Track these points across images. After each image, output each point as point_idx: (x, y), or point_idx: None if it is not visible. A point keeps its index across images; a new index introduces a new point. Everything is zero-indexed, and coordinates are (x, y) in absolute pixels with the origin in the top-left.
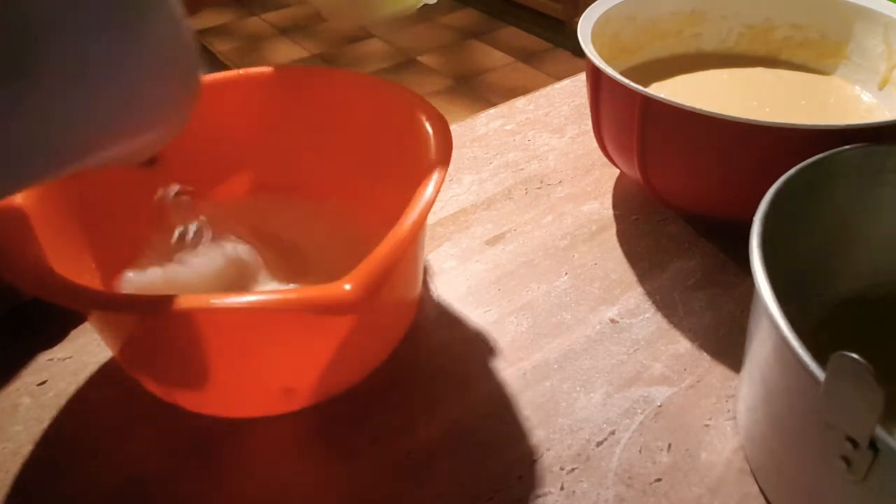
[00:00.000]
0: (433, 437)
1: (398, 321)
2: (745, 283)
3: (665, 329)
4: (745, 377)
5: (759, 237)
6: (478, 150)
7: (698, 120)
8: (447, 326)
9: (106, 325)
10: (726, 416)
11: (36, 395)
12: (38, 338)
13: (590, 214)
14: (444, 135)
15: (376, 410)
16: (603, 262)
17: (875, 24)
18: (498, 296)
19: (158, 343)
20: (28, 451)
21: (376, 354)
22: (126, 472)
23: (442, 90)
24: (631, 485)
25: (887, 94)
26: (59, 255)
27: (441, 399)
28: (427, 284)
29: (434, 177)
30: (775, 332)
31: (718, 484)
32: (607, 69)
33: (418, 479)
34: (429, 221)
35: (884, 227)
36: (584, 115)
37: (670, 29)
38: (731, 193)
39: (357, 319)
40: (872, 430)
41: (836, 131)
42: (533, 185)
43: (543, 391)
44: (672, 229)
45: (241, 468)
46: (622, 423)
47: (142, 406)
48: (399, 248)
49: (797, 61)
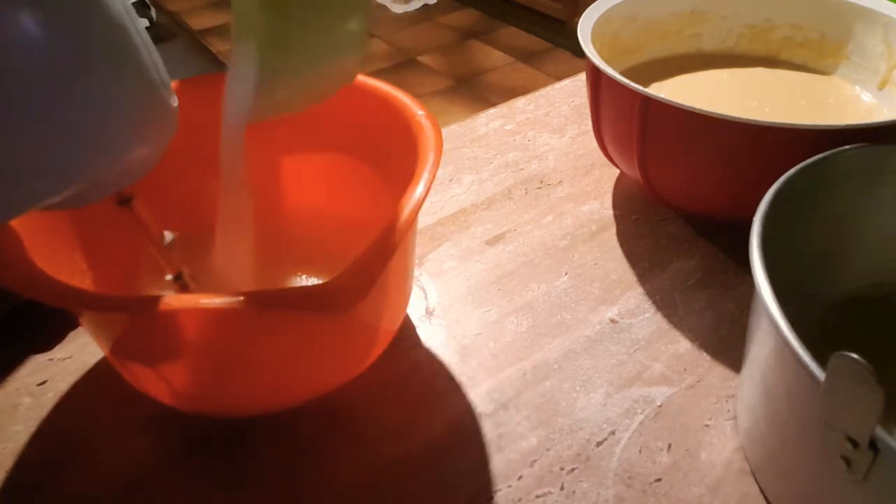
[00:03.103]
0: (433, 437)
1: (390, 318)
2: (745, 283)
3: (665, 329)
4: (745, 377)
5: (759, 237)
6: (478, 150)
7: (698, 120)
8: (447, 326)
9: (97, 325)
10: (726, 416)
11: (36, 395)
12: (37, 338)
13: (590, 214)
14: (433, 132)
15: (376, 410)
16: (603, 262)
17: (875, 24)
18: (498, 296)
19: (149, 344)
20: (28, 452)
21: (368, 352)
22: (126, 472)
23: (442, 90)
24: (631, 485)
25: (887, 94)
26: (48, 256)
27: (441, 399)
28: (427, 284)
29: (425, 175)
30: (775, 332)
31: (718, 484)
32: (607, 69)
33: (418, 478)
34: (429, 221)
35: (884, 227)
36: (584, 115)
37: (670, 29)
38: (731, 193)
39: (348, 317)
40: (872, 430)
41: (836, 131)
42: (533, 185)
43: (543, 391)
44: (672, 229)
45: (241, 468)
46: (622, 423)
47: (142, 406)
48: (390, 246)
49: (797, 61)
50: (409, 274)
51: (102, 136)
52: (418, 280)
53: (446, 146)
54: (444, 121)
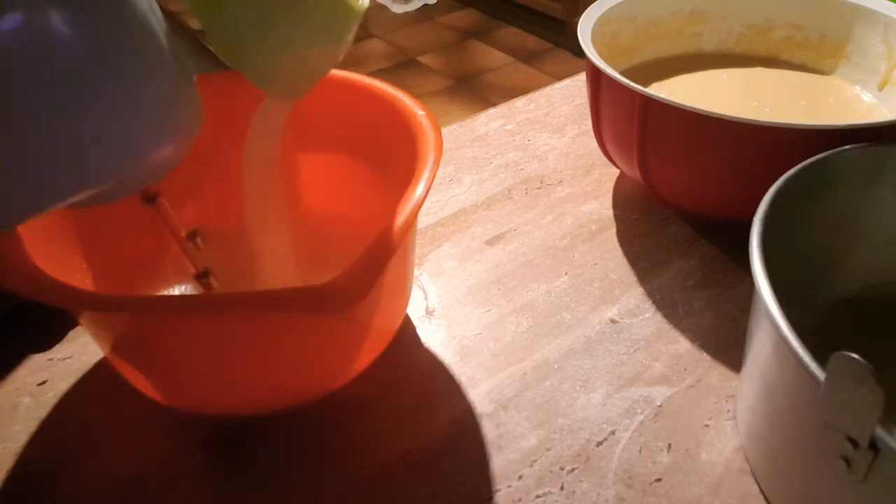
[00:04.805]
0: (433, 437)
1: (390, 318)
2: (745, 283)
3: (665, 329)
4: (745, 377)
5: (759, 237)
6: (478, 150)
7: (698, 120)
8: (447, 326)
9: (97, 325)
10: (726, 416)
11: (36, 395)
12: (37, 338)
13: (590, 214)
14: (433, 132)
15: (376, 410)
16: (603, 262)
17: (875, 24)
18: (498, 296)
19: (149, 344)
20: (28, 452)
21: (368, 352)
22: (126, 472)
23: (442, 90)
24: (631, 485)
25: (887, 94)
26: (48, 256)
27: (441, 399)
28: (427, 284)
29: (425, 175)
30: (775, 332)
31: (718, 484)
32: (607, 69)
33: (418, 478)
34: (429, 221)
35: (884, 227)
36: (584, 115)
37: (670, 29)
38: (731, 193)
39: (348, 317)
40: (872, 430)
41: (836, 131)
42: (533, 185)
43: (543, 391)
44: (672, 229)
45: (241, 468)
46: (622, 423)
47: (142, 406)
48: (390, 246)
49: (797, 61)
50: (409, 274)
51: (128, 135)
52: (418, 280)
53: (446, 146)
54: (444, 121)
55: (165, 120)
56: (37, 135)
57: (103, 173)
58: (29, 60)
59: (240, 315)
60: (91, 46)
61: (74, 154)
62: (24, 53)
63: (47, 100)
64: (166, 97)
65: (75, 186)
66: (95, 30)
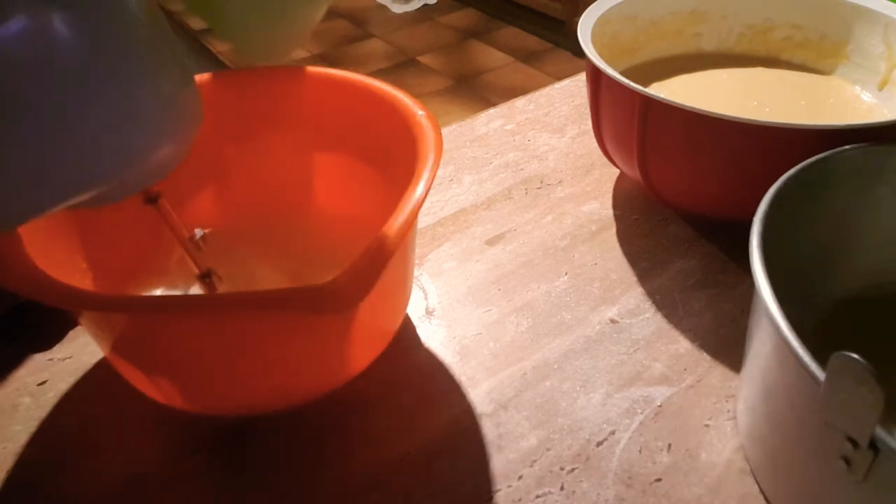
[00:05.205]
0: (433, 437)
1: (390, 318)
2: (745, 283)
3: (665, 329)
4: (745, 377)
5: (759, 237)
6: (478, 150)
7: (698, 120)
8: (447, 326)
9: (97, 325)
10: (726, 416)
11: (36, 395)
12: (38, 338)
13: (590, 214)
14: (433, 132)
15: (376, 410)
16: (603, 262)
17: (875, 24)
18: (498, 296)
19: (149, 344)
20: (28, 452)
21: (368, 352)
22: (126, 472)
23: (442, 90)
24: (631, 485)
25: (887, 94)
26: (48, 256)
27: (441, 399)
28: (427, 284)
29: (425, 175)
30: (775, 332)
31: (718, 484)
32: (607, 69)
33: (418, 478)
34: (429, 221)
35: (884, 227)
36: (584, 115)
37: (670, 29)
38: (731, 193)
39: (348, 317)
40: (872, 430)
41: (836, 131)
42: (533, 185)
43: (543, 391)
44: (672, 229)
45: (241, 468)
46: (622, 423)
47: (142, 406)
48: (390, 246)
49: (797, 61)
50: (409, 274)
51: (129, 135)
52: (418, 280)
53: (446, 146)
54: (444, 121)
55: (165, 120)
56: (37, 136)
57: (104, 174)
58: (29, 61)
59: (240, 315)
60: (91, 47)
61: (75, 155)
62: (24, 54)
63: (47, 101)
64: (166, 97)
65: (76, 187)
66: (95, 30)
